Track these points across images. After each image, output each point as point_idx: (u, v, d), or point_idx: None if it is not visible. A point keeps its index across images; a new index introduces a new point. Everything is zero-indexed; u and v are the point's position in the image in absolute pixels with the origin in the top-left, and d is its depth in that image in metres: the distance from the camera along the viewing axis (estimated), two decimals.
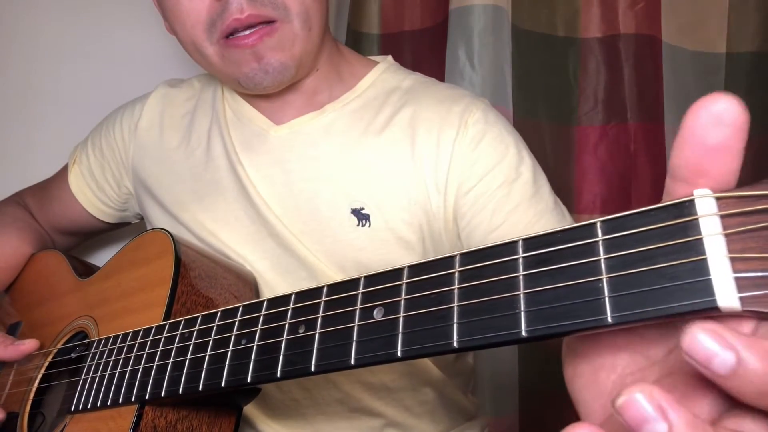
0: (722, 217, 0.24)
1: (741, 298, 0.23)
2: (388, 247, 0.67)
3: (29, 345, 0.68)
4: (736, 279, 0.24)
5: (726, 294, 0.24)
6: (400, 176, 0.67)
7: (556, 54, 1.07)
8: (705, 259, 0.24)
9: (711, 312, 0.24)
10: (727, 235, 0.24)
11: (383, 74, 0.74)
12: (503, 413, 1.02)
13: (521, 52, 1.05)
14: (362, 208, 0.67)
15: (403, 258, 0.67)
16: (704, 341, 0.22)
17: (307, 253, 0.68)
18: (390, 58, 0.78)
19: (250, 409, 0.72)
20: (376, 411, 0.73)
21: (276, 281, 0.70)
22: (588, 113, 1.06)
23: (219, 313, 0.48)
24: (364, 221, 0.67)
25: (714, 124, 0.24)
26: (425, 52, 1.08)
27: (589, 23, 1.06)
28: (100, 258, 1.03)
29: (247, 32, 0.62)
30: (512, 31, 1.03)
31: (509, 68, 1.03)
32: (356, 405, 0.72)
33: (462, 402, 0.80)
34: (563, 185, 1.06)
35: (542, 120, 1.07)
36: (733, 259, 0.24)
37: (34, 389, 0.68)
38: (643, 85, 1.05)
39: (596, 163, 1.05)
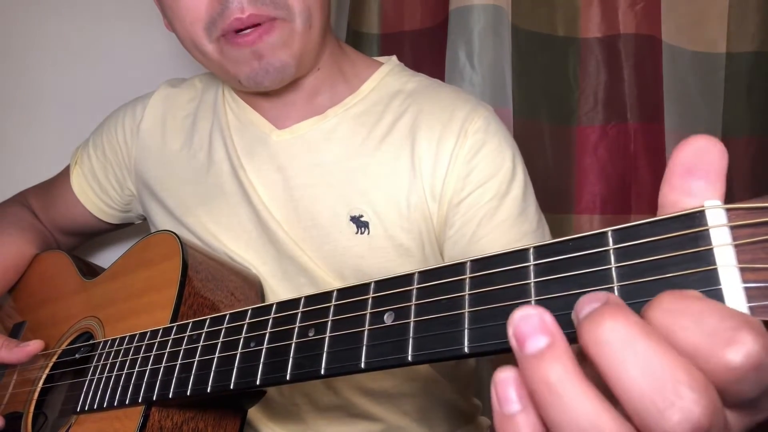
0: (732, 228, 0.25)
1: (750, 308, 0.24)
2: (387, 254, 0.67)
3: (34, 346, 0.67)
4: (746, 289, 0.24)
5: (735, 304, 0.24)
6: (399, 184, 0.67)
7: (556, 54, 1.07)
8: (715, 269, 0.25)
9: None
10: (737, 246, 0.25)
11: (387, 77, 0.74)
12: None
13: (521, 52, 1.05)
14: (361, 216, 0.67)
15: (402, 266, 0.67)
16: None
17: (307, 260, 0.68)
18: (395, 58, 0.78)
19: (253, 412, 0.73)
20: (375, 416, 0.73)
21: (277, 286, 0.70)
22: (588, 113, 1.06)
23: (227, 316, 0.48)
24: (362, 229, 0.67)
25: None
26: (425, 52, 1.08)
27: (589, 23, 1.06)
28: (103, 258, 1.03)
29: (247, 31, 0.61)
30: (512, 31, 1.03)
31: (509, 68, 1.02)
32: (356, 410, 0.72)
33: (461, 405, 0.81)
34: (563, 185, 1.06)
35: (542, 120, 1.07)
36: (742, 269, 0.24)
37: (38, 389, 0.68)
38: (643, 85, 1.05)
39: (596, 163, 1.06)
